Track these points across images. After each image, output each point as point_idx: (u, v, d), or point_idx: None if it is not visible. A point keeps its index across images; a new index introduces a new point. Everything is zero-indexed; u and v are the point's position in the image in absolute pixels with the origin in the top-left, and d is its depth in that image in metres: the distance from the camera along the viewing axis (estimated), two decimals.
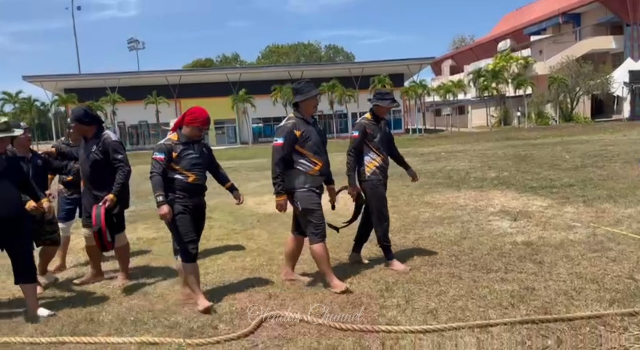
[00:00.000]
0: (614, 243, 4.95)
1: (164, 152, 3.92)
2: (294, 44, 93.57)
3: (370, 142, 4.74)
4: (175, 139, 4.00)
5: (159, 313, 3.87)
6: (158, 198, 3.81)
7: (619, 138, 20.32)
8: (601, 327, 3.10)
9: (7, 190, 3.86)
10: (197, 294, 3.97)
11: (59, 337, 3.46)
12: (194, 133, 4.04)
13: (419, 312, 3.56)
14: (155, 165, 3.90)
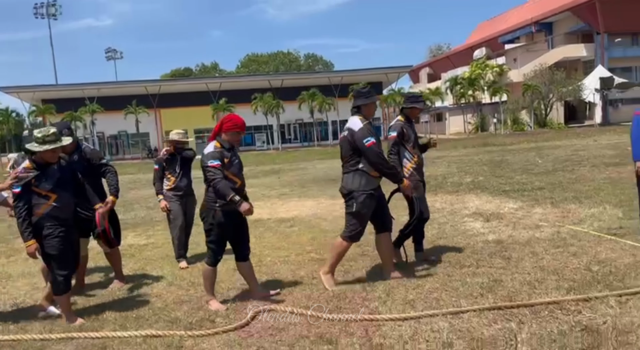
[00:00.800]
0: (576, 240, 5.40)
1: (218, 159, 4.07)
2: (274, 53, 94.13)
3: (406, 143, 4.97)
4: (220, 146, 4.15)
5: (158, 310, 4.17)
6: (235, 198, 3.92)
7: (590, 143, 21.09)
8: (558, 311, 3.50)
9: (68, 198, 4.05)
10: (211, 297, 4.24)
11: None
12: (235, 138, 4.24)
13: (398, 303, 3.93)
14: (215, 172, 4.01)
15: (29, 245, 3.86)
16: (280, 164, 24.12)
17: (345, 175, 4.49)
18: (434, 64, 67.62)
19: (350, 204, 4.44)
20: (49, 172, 3.98)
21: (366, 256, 5.52)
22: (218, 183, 3.98)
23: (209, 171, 4.03)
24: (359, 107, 4.51)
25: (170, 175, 5.88)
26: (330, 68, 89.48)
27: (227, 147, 4.18)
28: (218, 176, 4.00)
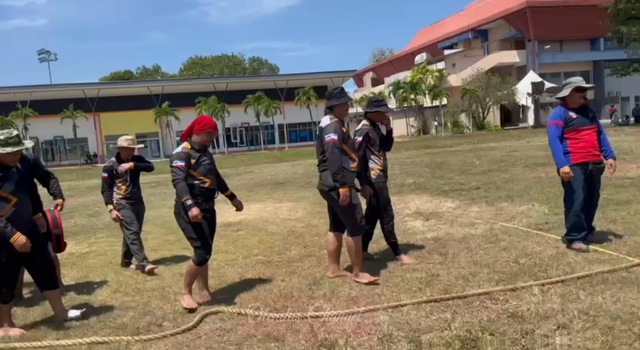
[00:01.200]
0: (507, 235, 5.78)
1: (184, 160, 4.17)
2: (218, 56, 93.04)
3: (372, 147, 5.09)
4: (190, 148, 4.26)
5: (104, 317, 4.14)
6: (187, 201, 4.04)
7: (523, 144, 22.22)
8: (488, 301, 3.78)
9: (27, 202, 3.96)
10: (186, 292, 4.27)
11: (8, 344, 3.65)
12: (206, 139, 4.34)
13: (342, 299, 4.10)
14: (177, 172, 4.13)
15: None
16: (226, 169, 23.90)
17: (323, 173, 4.57)
18: (378, 68, 69.02)
19: (336, 198, 4.49)
20: (9, 175, 3.88)
21: (312, 257, 5.67)
22: (177, 184, 4.12)
23: (172, 171, 4.17)
24: (332, 108, 4.65)
25: (121, 184, 5.71)
26: (275, 71, 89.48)
27: (197, 148, 4.26)
28: (179, 177, 4.12)
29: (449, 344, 3.10)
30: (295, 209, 9.42)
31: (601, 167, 5.11)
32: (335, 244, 4.83)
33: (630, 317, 3.24)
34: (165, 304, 4.38)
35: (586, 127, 5.04)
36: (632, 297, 3.59)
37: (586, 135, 5.04)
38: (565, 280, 4.06)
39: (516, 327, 3.26)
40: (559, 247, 5.07)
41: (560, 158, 5.00)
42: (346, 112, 4.79)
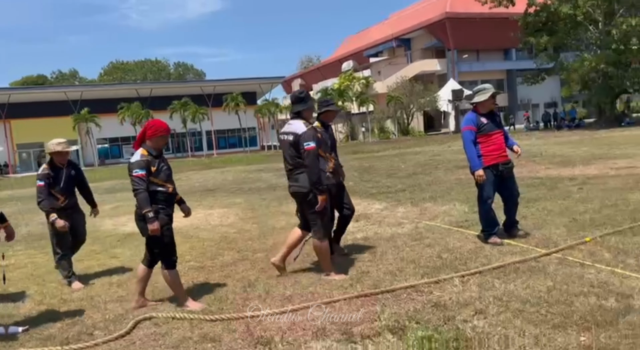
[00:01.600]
0: (430, 233, 6.13)
1: (144, 168, 4.06)
2: (140, 61, 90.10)
3: (321, 149, 4.94)
4: (147, 154, 4.14)
5: (30, 330, 3.98)
6: (148, 214, 3.97)
7: (445, 149, 23.34)
8: (414, 293, 4.03)
9: None
10: (184, 295, 4.25)
11: None
12: (160, 143, 4.25)
13: (277, 299, 4.20)
14: (139, 182, 4.02)
15: None
16: None
17: (301, 176, 4.60)
18: (306, 75, 69.74)
19: (314, 201, 4.54)
20: None
21: (246, 260, 5.72)
22: (139, 194, 4.05)
23: (132, 181, 4.08)
24: (299, 112, 4.71)
25: (56, 192, 5.31)
26: (202, 77, 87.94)
27: (155, 154, 4.18)
28: (141, 187, 4.05)
29: (378, 333, 3.29)
30: (226, 215, 9.39)
31: (510, 167, 5.55)
32: (295, 237, 4.92)
33: (537, 301, 3.60)
34: (95, 313, 4.28)
35: (495, 131, 5.45)
36: (539, 283, 3.97)
37: (495, 138, 5.44)
38: (482, 271, 4.40)
39: (439, 314, 3.51)
40: (477, 242, 5.46)
41: (474, 162, 5.37)
42: (312, 116, 4.89)
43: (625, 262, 4.33)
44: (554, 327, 3.14)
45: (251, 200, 11.30)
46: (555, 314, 3.33)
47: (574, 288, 3.79)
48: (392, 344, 3.13)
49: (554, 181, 9.61)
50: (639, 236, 5.10)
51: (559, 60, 33.67)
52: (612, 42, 29.60)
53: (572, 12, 29.96)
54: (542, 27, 32.89)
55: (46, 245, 6.60)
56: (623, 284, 3.80)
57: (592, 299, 3.54)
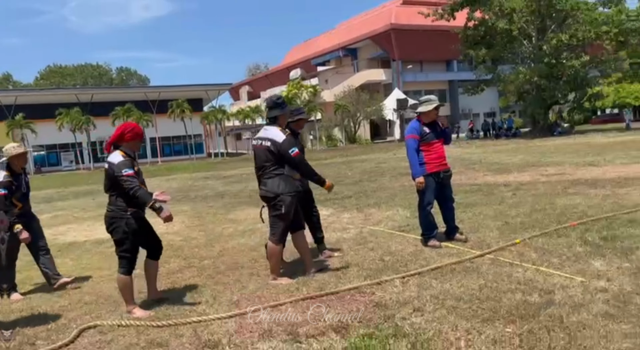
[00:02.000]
0: (374, 237, 6.37)
1: (131, 168, 4.11)
2: (81, 65, 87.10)
3: None
4: (126, 155, 4.17)
5: None
6: (155, 205, 4.02)
7: (391, 156, 23.94)
8: (357, 294, 4.21)
9: None
10: (133, 305, 4.27)
11: None
12: (137, 147, 4.34)
13: (224, 304, 4.27)
14: (132, 180, 4.05)
15: None
16: (94, 185, 22.54)
17: (269, 181, 4.73)
18: (254, 82, 69.59)
19: (279, 206, 4.68)
20: None
21: (192, 267, 5.74)
22: (138, 191, 4.05)
23: (126, 180, 4.05)
24: (276, 118, 4.81)
25: (15, 199, 5.05)
26: (146, 83, 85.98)
27: (132, 156, 4.21)
28: (135, 184, 4.06)
29: (323, 333, 3.44)
30: (172, 223, 9.28)
31: (449, 174, 5.87)
32: (301, 244, 5.01)
33: (470, 298, 3.86)
34: (36, 323, 4.19)
35: (436, 140, 5.76)
36: (472, 282, 4.25)
37: (436, 147, 5.75)
38: (421, 272, 4.64)
39: (380, 313, 3.70)
40: (417, 245, 5.73)
41: (416, 169, 5.64)
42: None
43: (549, 261, 4.70)
44: (484, 321, 3.40)
45: (198, 208, 11.23)
46: (485, 309, 3.60)
47: (503, 286, 4.09)
48: (336, 341, 3.28)
49: (490, 187, 10.13)
50: (563, 237, 5.52)
51: (497, 73, 35.29)
52: (544, 56, 31.38)
53: (508, 27, 31.55)
54: (481, 41, 34.41)
55: None
56: (546, 281, 4.14)
57: (518, 295, 3.84)
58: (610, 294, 3.71)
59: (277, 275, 4.84)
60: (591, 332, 3.08)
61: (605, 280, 4.03)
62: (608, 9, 32.28)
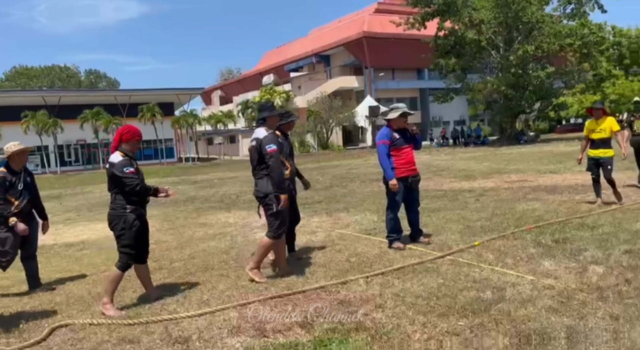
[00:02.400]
0: (342, 240, 6.59)
1: (131, 166, 4.35)
2: (48, 66, 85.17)
3: (281, 153, 5.26)
4: (125, 155, 4.40)
5: None
6: (161, 193, 4.44)
7: (362, 162, 24.30)
8: (323, 293, 4.41)
9: None
10: (108, 301, 4.37)
11: None
12: (135, 147, 4.56)
13: (195, 303, 4.42)
14: (134, 177, 4.32)
15: None
16: (61, 189, 22.26)
17: (259, 181, 4.99)
18: (226, 87, 69.32)
19: (270, 205, 4.90)
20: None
21: (163, 269, 5.85)
22: (139, 185, 4.34)
23: (128, 178, 4.30)
24: (265, 119, 5.08)
25: (12, 197, 5.06)
26: (115, 86, 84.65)
27: (131, 156, 4.41)
28: (136, 181, 4.32)
29: (289, 328, 3.63)
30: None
31: (417, 179, 6.14)
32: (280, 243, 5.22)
33: (428, 295, 4.11)
34: (7, 323, 4.25)
35: (406, 146, 6.01)
36: (432, 280, 4.50)
37: (406, 153, 6.00)
38: (384, 272, 4.88)
39: (344, 309, 3.91)
40: (382, 248, 5.97)
41: (389, 172, 5.88)
42: (276, 123, 5.35)
43: (504, 261, 5.00)
44: (439, 315, 3.64)
45: (168, 212, 11.25)
46: (442, 305, 3.84)
47: (460, 284, 4.35)
48: (301, 336, 3.47)
49: (455, 193, 10.49)
50: (519, 240, 5.84)
51: (466, 82, 36.18)
52: (511, 66, 32.36)
53: (477, 37, 32.48)
54: (451, 50, 35.23)
55: None
56: (500, 279, 4.42)
57: (472, 292, 4.10)
58: (556, 290, 4.01)
59: (257, 268, 5.02)
60: (535, 324, 3.35)
61: (553, 278, 4.33)
62: (573, 21, 33.53)
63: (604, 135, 7.81)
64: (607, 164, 7.79)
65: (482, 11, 32.08)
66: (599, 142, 7.86)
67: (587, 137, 8.06)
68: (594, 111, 8.01)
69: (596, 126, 7.89)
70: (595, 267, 4.56)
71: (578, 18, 33.13)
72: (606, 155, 7.83)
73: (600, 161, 7.83)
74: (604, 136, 7.82)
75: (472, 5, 32.77)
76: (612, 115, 8.86)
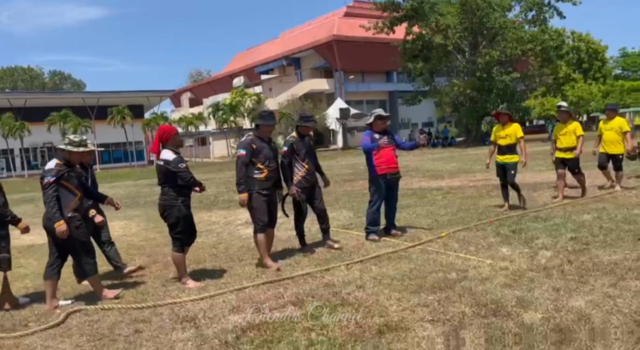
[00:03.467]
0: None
1: (184, 162, 5.09)
2: (10, 67, 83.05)
3: (297, 156, 5.98)
4: (174, 152, 5.08)
5: None
6: (198, 187, 5.22)
7: (334, 164, 24.93)
8: (309, 278, 4.97)
9: None
10: (187, 278, 5.11)
11: None
12: (178, 141, 5.27)
13: (194, 289, 4.91)
14: (188, 172, 5.06)
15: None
16: (33, 192, 22.08)
17: (248, 180, 5.59)
18: (195, 89, 69.00)
19: (251, 201, 5.56)
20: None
21: (158, 263, 6.32)
22: (192, 178, 5.07)
23: (184, 172, 5.03)
24: (257, 126, 5.78)
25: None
26: (81, 87, 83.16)
27: (179, 152, 5.15)
28: (190, 175, 5.07)
29: (283, 306, 4.18)
30: (128, 226, 9.71)
31: (397, 177, 6.77)
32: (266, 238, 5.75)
33: (402, 277, 4.72)
34: (24, 310, 4.66)
35: (386, 146, 6.64)
36: (404, 266, 5.12)
37: (386, 152, 6.64)
38: (363, 260, 5.48)
39: (329, 291, 4.49)
40: (359, 240, 6.58)
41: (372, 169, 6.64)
42: (309, 130, 6.11)
43: (467, 249, 5.66)
44: (412, 292, 4.26)
45: (149, 212, 11.57)
46: (414, 285, 4.46)
47: (429, 268, 4.98)
48: (294, 311, 4.02)
49: (424, 191, 11.20)
50: (480, 231, 6.53)
51: (433, 85, 37.29)
52: (476, 70, 33.61)
53: (443, 42, 33.57)
54: (419, 54, 36.28)
55: None
56: (463, 263, 5.07)
57: (440, 274, 4.74)
58: (510, 271, 4.68)
59: (267, 259, 5.59)
60: (491, 296, 4.00)
61: (508, 261, 5.01)
62: (535, 27, 35.01)
63: (509, 141, 7.89)
64: (511, 169, 7.92)
65: (449, 17, 33.22)
66: (505, 148, 7.94)
67: (494, 142, 8.21)
68: (500, 116, 8.07)
69: (502, 132, 7.99)
70: (544, 251, 5.27)
71: (539, 24, 34.62)
72: (511, 161, 7.94)
73: (506, 167, 7.96)
74: (510, 142, 7.89)
75: (439, 11, 33.88)
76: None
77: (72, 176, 4.70)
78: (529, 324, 3.41)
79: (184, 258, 5.22)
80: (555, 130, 8.84)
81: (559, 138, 8.63)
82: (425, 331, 3.42)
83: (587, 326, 3.32)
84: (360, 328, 3.54)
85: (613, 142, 9.16)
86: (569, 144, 8.47)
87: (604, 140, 9.30)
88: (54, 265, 4.74)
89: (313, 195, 6.35)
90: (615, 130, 9.12)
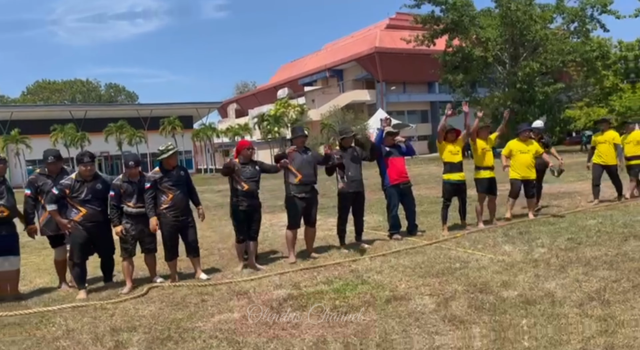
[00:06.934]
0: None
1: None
2: (70, 80, 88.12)
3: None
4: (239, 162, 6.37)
5: (67, 296, 5.60)
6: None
7: (372, 173, 25.81)
8: (339, 267, 6.04)
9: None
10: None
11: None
12: (247, 153, 6.44)
13: (245, 274, 6.07)
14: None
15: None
16: None
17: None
18: (241, 100, 71.32)
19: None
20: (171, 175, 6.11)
21: (215, 255, 7.53)
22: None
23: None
24: (291, 140, 7.01)
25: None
26: (134, 99, 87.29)
27: (243, 162, 6.38)
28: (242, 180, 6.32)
29: (315, 284, 5.27)
30: None
31: (409, 186, 7.77)
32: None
33: (415, 266, 5.73)
34: (112, 287, 5.93)
35: (396, 157, 7.66)
36: (418, 258, 6.12)
37: (396, 163, 7.66)
38: (385, 254, 6.51)
39: (353, 275, 5.55)
40: (385, 238, 7.61)
41: (385, 179, 7.56)
42: (349, 143, 7.45)
43: (476, 247, 6.59)
44: (420, 276, 5.27)
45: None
46: (422, 271, 5.47)
47: (439, 260, 5.96)
48: (324, 287, 5.11)
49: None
50: (492, 233, 7.42)
51: (473, 96, 37.67)
52: (517, 81, 33.87)
53: (484, 54, 34.03)
54: (459, 66, 36.79)
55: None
56: (468, 257, 6.02)
57: (446, 264, 5.71)
58: (505, 263, 5.61)
59: (291, 252, 6.72)
60: (482, 280, 4.95)
61: (507, 256, 5.93)
62: (577, 39, 34.94)
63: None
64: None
65: (489, 29, 33.66)
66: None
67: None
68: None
69: (525, 147, 8.79)
70: (540, 249, 6.15)
71: (583, 35, 34.49)
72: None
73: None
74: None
75: (479, 24, 34.37)
76: (615, 128, 10.47)
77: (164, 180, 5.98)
78: (505, 298, 4.37)
79: (294, 235, 6.64)
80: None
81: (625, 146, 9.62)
82: (423, 301, 4.44)
83: (549, 299, 4.25)
84: (373, 298, 4.60)
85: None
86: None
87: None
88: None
89: (359, 201, 7.45)
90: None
